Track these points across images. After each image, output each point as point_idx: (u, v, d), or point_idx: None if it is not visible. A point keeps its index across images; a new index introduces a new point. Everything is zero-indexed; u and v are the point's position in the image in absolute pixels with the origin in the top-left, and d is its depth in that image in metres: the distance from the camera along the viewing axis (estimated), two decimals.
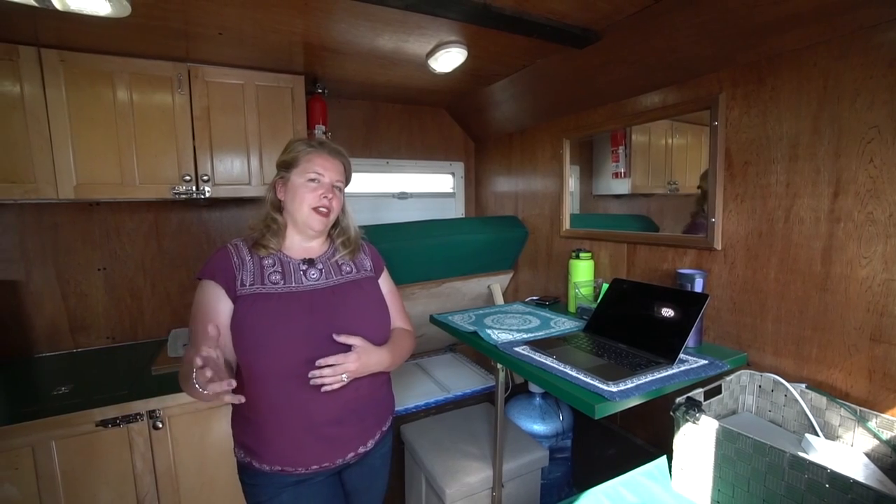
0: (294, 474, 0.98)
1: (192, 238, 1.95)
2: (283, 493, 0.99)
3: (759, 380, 1.19)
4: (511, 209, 2.31)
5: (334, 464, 1.01)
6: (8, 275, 1.67)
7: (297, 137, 1.09)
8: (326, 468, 1.00)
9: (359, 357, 0.97)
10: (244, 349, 0.95)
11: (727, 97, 1.27)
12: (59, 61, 1.42)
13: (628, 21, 1.30)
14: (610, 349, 1.24)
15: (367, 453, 1.08)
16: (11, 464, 1.22)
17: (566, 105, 1.83)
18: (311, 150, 1.05)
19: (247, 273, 1.00)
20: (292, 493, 0.99)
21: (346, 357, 0.96)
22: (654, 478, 1.12)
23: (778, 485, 0.86)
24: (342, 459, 1.02)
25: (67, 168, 1.46)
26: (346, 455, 1.02)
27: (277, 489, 0.99)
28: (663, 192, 1.57)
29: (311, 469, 0.98)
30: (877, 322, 1.00)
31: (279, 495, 0.99)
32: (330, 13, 1.27)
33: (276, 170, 1.10)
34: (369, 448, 1.07)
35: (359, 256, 1.16)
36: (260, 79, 1.70)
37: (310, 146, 1.06)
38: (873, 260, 1.00)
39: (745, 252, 1.26)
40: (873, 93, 0.98)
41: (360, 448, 1.05)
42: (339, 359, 0.95)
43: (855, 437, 1.00)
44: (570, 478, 1.86)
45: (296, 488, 0.99)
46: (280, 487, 0.99)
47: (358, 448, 1.04)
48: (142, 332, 1.89)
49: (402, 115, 2.39)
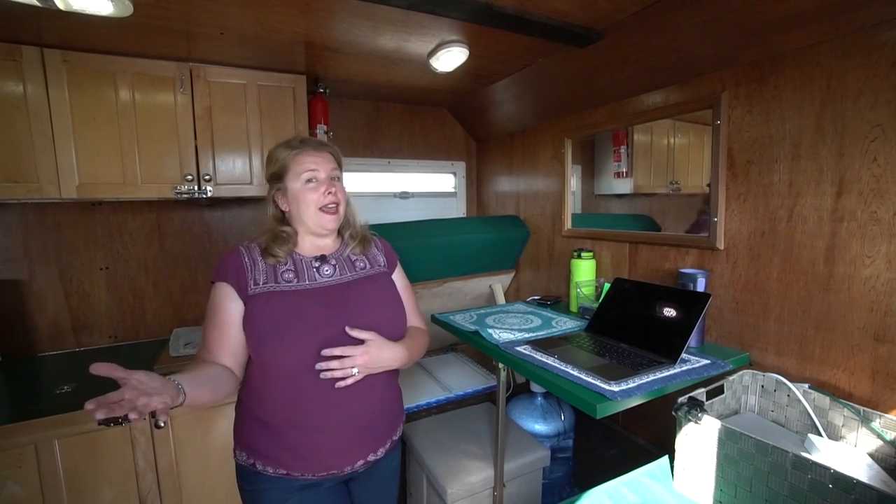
0: (300, 479, 0.95)
1: (194, 238, 1.95)
2: (288, 499, 0.95)
3: (761, 380, 1.18)
4: (512, 209, 2.30)
5: (343, 471, 0.98)
6: (11, 274, 1.67)
7: (275, 146, 1.05)
8: (334, 475, 0.97)
9: (367, 350, 0.94)
10: (258, 347, 0.94)
11: (729, 96, 1.26)
12: (62, 61, 1.43)
13: (630, 20, 1.30)
14: (612, 349, 1.23)
15: (377, 462, 1.05)
16: (15, 462, 1.22)
17: (568, 104, 1.83)
18: (296, 152, 1.01)
19: (259, 272, 0.98)
20: (298, 500, 0.96)
21: (355, 349, 0.93)
22: (655, 478, 1.11)
23: (781, 485, 0.86)
24: (351, 467, 0.98)
25: (70, 168, 1.47)
26: (356, 462, 0.99)
27: (283, 494, 0.95)
28: (665, 191, 1.57)
29: (318, 475, 0.96)
30: (880, 322, 1.00)
31: (286, 502, 0.95)
32: (332, 13, 1.27)
33: (269, 184, 1.06)
34: (379, 457, 1.04)
35: (371, 251, 1.14)
36: (262, 78, 1.71)
37: (292, 148, 1.02)
38: (877, 259, 1.00)
39: (747, 251, 1.26)
40: (876, 91, 0.97)
41: (371, 455, 1.01)
42: (346, 350, 0.93)
43: (858, 438, 1.00)
44: (572, 477, 1.86)
45: (301, 493, 0.96)
46: (286, 493, 0.95)
47: (368, 455, 1.01)
48: (144, 332, 1.89)
49: (403, 115, 2.39)
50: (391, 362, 1.00)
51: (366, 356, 0.94)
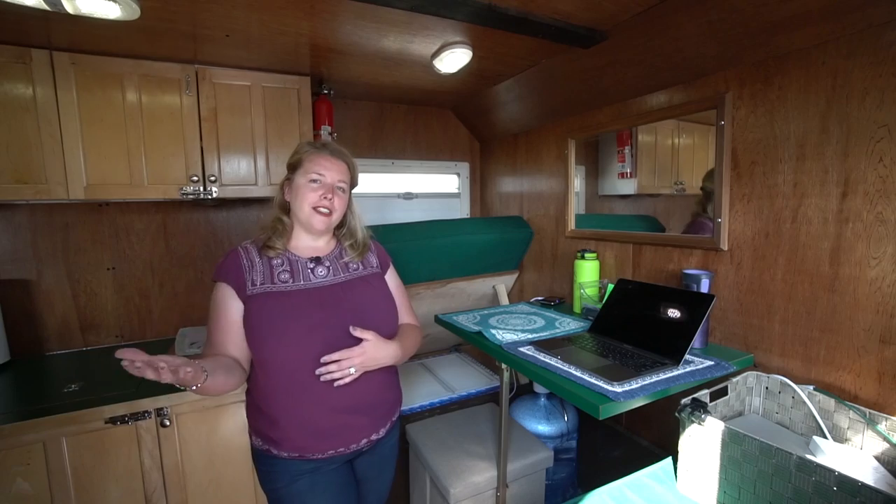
0: (311, 460, 1.01)
1: (200, 238, 1.96)
2: (299, 480, 1.02)
3: (765, 381, 1.18)
4: (516, 209, 2.30)
5: (349, 449, 1.04)
6: (20, 274, 1.70)
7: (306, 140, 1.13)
8: (341, 453, 1.04)
9: (364, 351, 1.00)
10: (258, 345, 0.99)
11: (734, 97, 1.26)
12: (71, 64, 1.45)
13: (634, 21, 1.30)
14: (615, 350, 1.23)
15: (379, 441, 1.12)
16: (23, 459, 1.24)
17: (571, 105, 1.83)
18: (314, 152, 1.09)
19: (257, 273, 1.03)
20: (308, 481, 1.02)
21: (351, 352, 0.99)
22: (659, 479, 1.11)
23: (785, 487, 0.85)
24: (356, 445, 1.05)
25: (78, 169, 1.48)
26: (360, 442, 1.06)
27: (294, 476, 1.02)
28: (669, 192, 1.56)
29: (326, 454, 1.02)
30: (887, 323, 0.99)
31: (295, 482, 1.01)
32: (336, 15, 1.28)
33: (286, 172, 1.14)
34: (381, 436, 1.11)
35: (366, 254, 1.19)
36: (266, 80, 1.72)
37: (313, 147, 1.10)
38: (883, 261, 0.99)
39: (751, 252, 1.25)
40: (883, 91, 0.97)
41: (373, 436, 1.08)
42: (343, 354, 0.98)
43: (864, 441, 0.99)
44: (575, 478, 1.86)
45: (311, 476, 1.03)
46: (296, 475, 1.02)
47: (371, 435, 1.08)
48: (150, 331, 1.91)
49: (407, 116, 2.40)
50: (386, 360, 1.06)
51: (363, 356, 1.00)
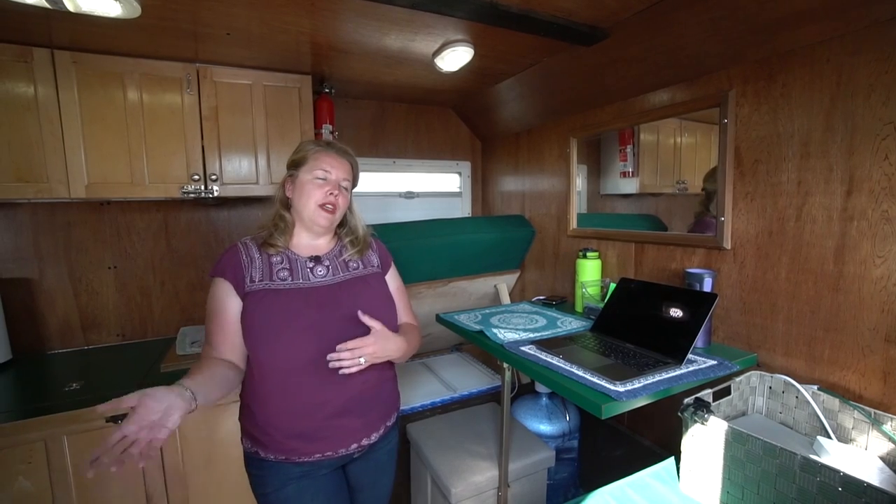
0: (299, 463, 1.00)
1: (201, 237, 1.97)
2: (288, 485, 1.00)
3: (769, 381, 1.17)
4: (518, 208, 2.30)
5: (337, 453, 1.02)
6: (22, 272, 1.70)
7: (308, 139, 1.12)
8: (330, 457, 1.02)
9: (377, 340, 1.00)
10: (254, 343, 0.98)
11: (737, 94, 1.25)
12: (72, 62, 1.45)
13: (636, 18, 1.29)
14: (617, 349, 1.23)
15: (372, 447, 1.10)
16: (25, 458, 1.24)
17: (573, 104, 1.82)
18: (319, 149, 1.09)
19: (256, 270, 1.03)
20: (296, 487, 1.01)
21: (364, 340, 0.98)
22: (661, 479, 1.10)
23: (789, 488, 0.85)
24: (345, 450, 1.03)
25: (79, 168, 1.48)
26: (350, 446, 1.04)
27: (283, 481, 1.00)
28: (672, 191, 1.55)
29: (314, 458, 1.00)
30: (892, 323, 0.98)
31: (284, 487, 1.00)
32: (337, 13, 1.27)
33: (287, 170, 1.13)
34: (373, 441, 1.09)
35: (366, 253, 1.18)
36: (268, 79, 1.72)
37: (318, 146, 1.10)
38: (888, 259, 0.98)
39: (755, 251, 1.24)
40: (889, 88, 0.96)
41: (364, 440, 1.06)
42: (358, 342, 0.97)
43: (869, 441, 0.98)
44: (577, 478, 1.85)
45: (300, 482, 1.01)
46: (285, 479, 1.00)
47: (362, 440, 1.06)
48: (151, 330, 1.91)
49: (408, 115, 2.40)
50: (393, 353, 1.05)
51: (375, 346, 0.99)
